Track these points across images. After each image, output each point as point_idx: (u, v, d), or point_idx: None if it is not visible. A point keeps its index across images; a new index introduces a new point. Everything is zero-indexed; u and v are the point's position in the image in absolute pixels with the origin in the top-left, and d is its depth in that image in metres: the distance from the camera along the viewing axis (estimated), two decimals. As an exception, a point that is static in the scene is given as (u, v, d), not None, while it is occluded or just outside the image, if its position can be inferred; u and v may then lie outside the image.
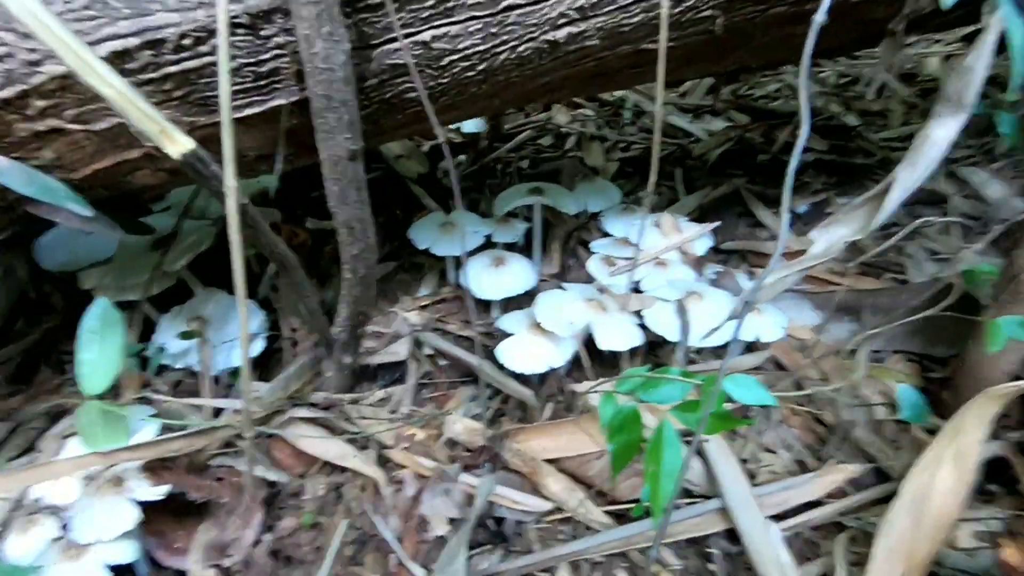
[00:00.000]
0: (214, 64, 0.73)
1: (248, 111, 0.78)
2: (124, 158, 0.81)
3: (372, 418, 1.28)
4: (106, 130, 0.77)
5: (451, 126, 2.25)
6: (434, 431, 1.25)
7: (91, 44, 0.67)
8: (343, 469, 1.19)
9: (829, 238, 0.93)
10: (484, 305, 1.57)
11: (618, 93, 2.62)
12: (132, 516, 0.95)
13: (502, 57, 0.84)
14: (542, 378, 1.32)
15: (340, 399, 1.32)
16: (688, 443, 1.13)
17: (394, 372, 1.44)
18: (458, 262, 1.58)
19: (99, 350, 0.97)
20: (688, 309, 1.20)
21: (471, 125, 2.23)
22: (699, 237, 1.48)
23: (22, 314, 1.63)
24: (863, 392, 1.20)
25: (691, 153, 2.12)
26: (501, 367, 1.28)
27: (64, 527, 0.96)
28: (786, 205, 0.49)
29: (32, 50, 0.66)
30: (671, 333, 1.20)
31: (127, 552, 0.96)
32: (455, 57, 0.83)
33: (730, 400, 0.75)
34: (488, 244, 1.56)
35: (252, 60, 0.74)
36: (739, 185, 1.86)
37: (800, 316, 1.43)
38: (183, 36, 0.69)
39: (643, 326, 1.26)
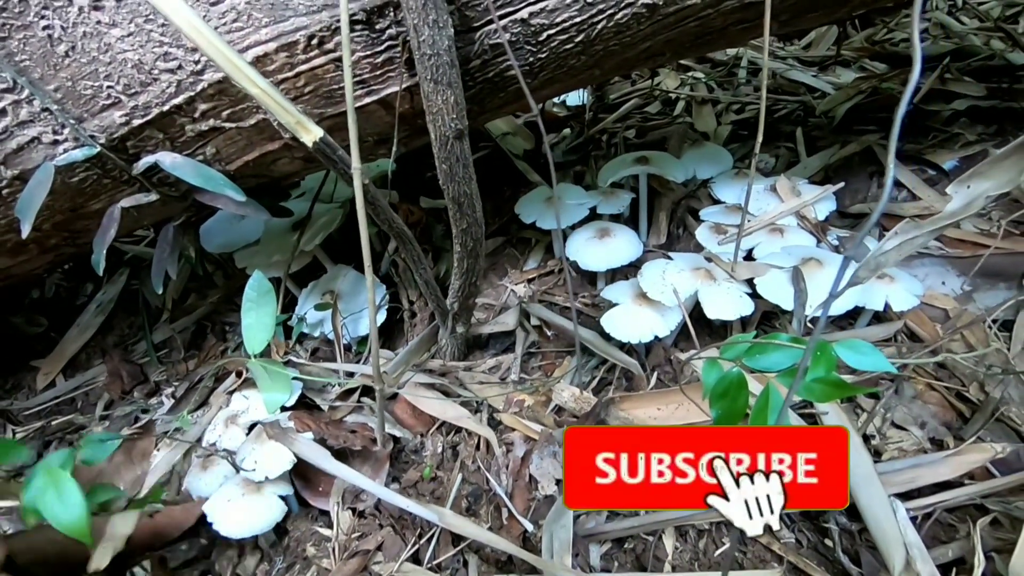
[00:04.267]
0: (336, 60, 0.82)
1: (367, 100, 0.87)
2: (268, 149, 0.94)
3: (485, 382, 1.36)
4: (253, 126, 0.90)
5: (556, 99, 2.26)
6: (542, 397, 1.31)
7: (240, 51, 0.79)
8: (459, 429, 1.28)
9: (970, 193, 0.81)
10: (590, 277, 1.58)
11: (731, 51, 2.46)
12: (289, 458, 1.11)
13: (599, 27, 0.85)
14: (647, 348, 1.33)
15: (455, 366, 1.41)
16: (805, 415, 1.09)
17: (504, 341, 1.51)
18: (564, 235, 1.61)
19: (256, 315, 1.12)
20: (805, 276, 1.14)
21: (575, 97, 2.22)
22: (818, 200, 1.38)
23: (192, 290, 1.92)
24: (1018, 366, 1.07)
25: (814, 110, 1.95)
26: (607, 337, 1.30)
27: (235, 467, 1.14)
28: (891, 150, 0.46)
29: (196, 62, 0.79)
30: (786, 302, 1.14)
31: (284, 488, 1.13)
32: (553, 31, 0.85)
33: (850, 370, 0.71)
34: (593, 216, 1.56)
35: (368, 53, 0.81)
36: (871, 142, 1.69)
37: (940, 283, 1.29)
38: (311, 37, 0.78)
39: (755, 295, 1.21)
